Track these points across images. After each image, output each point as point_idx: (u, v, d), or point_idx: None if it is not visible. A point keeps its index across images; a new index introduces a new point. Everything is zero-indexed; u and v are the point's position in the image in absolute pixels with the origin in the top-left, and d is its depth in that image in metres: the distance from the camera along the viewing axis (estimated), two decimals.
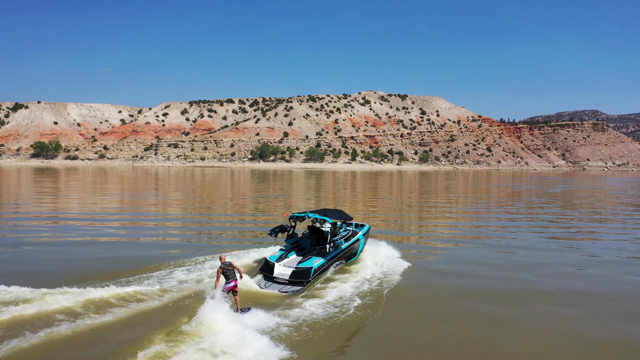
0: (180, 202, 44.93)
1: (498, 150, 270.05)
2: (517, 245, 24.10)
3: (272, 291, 14.42)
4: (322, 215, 17.23)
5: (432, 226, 31.60)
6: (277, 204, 43.79)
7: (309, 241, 18.16)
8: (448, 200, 51.33)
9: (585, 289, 16.20)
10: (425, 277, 16.92)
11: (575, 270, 18.81)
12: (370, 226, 20.69)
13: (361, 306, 13.09)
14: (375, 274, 16.35)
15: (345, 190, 64.25)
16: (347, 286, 14.77)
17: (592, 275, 18.14)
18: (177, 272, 15.79)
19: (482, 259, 20.37)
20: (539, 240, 25.58)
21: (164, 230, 27.56)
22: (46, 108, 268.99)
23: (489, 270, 18.38)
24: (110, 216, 33.23)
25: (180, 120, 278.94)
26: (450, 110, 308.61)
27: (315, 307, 12.80)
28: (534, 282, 16.67)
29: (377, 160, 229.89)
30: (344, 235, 18.19)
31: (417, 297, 14.56)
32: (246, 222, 31.45)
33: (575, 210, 43.37)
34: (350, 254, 17.90)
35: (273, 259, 16.08)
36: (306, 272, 15.05)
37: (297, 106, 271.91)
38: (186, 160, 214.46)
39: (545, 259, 20.67)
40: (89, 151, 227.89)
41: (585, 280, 17.34)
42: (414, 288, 15.43)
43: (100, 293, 13.01)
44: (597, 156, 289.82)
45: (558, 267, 19.12)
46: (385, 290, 14.77)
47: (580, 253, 22.44)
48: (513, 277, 17.46)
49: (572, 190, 72.29)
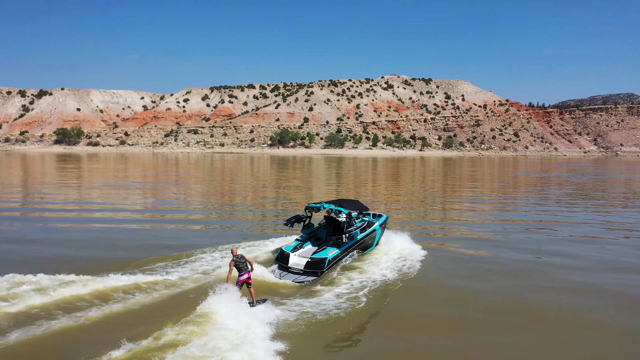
0: (201, 191, 44.23)
1: (526, 136, 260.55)
2: (537, 247, 20.87)
3: (286, 281, 14.34)
4: (338, 206, 17.05)
5: (454, 219, 29.93)
6: (297, 196, 40.91)
7: (325, 231, 17.99)
8: (472, 192, 47.12)
9: None
10: (441, 273, 16.12)
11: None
12: (387, 217, 20.37)
13: (373, 298, 12.88)
14: (391, 266, 16.02)
15: (365, 178, 60.78)
16: (361, 278, 14.64)
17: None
18: (194, 262, 15.87)
19: (498, 259, 18.56)
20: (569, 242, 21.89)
21: (186, 217, 28.15)
22: (69, 95, 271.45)
23: (500, 271, 16.77)
24: (132, 206, 33.33)
25: (201, 106, 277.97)
26: (476, 95, 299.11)
27: (328, 298, 12.70)
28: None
29: (398, 146, 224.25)
30: (360, 225, 18.08)
31: (431, 292, 14.00)
32: (267, 212, 31.35)
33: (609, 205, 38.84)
34: (366, 244, 17.84)
35: (288, 249, 16.04)
36: (321, 262, 14.98)
37: (318, 91, 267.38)
38: (205, 146, 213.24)
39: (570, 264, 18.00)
40: (110, 137, 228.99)
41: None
42: (429, 282, 14.92)
43: (114, 282, 13.19)
44: (632, 141, 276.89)
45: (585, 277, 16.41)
46: (399, 283, 14.41)
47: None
48: (524, 284, 15.38)
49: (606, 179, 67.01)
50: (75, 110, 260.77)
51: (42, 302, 11.82)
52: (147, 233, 22.59)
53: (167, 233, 22.38)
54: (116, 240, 20.30)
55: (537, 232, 24.30)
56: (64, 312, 11.30)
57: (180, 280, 13.86)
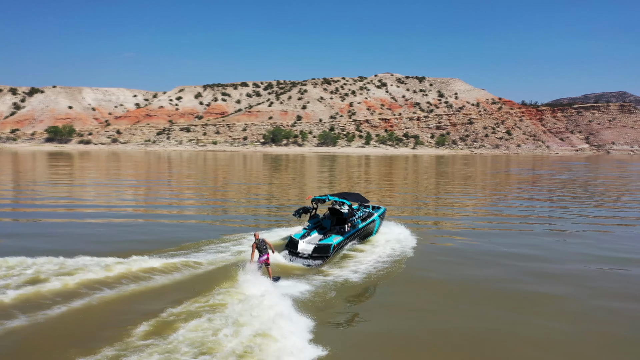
0: (209, 189, 44.93)
1: (518, 134, 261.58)
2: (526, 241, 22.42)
3: (296, 264, 16.44)
4: (341, 198, 18.91)
5: (447, 214, 31.59)
6: (291, 194, 41.51)
7: (329, 221, 19.78)
8: (464, 189, 47.32)
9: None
10: (433, 257, 18.14)
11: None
12: (385, 208, 22.42)
13: (373, 278, 14.98)
14: (388, 252, 17.94)
15: (358, 176, 60.75)
16: (362, 261, 16.64)
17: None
18: (216, 248, 17.86)
19: (488, 248, 20.25)
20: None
21: (198, 212, 30.73)
22: (61, 92, 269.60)
23: (490, 260, 18.34)
24: (145, 202, 35.02)
25: (194, 104, 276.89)
26: (469, 93, 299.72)
27: (334, 278, 14.78)
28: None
29: (391, 144, 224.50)
30: (361, 216, 19.74)
31: (424, 274, 15.95)
32: (271, 206, 33.16)
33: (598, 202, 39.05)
34: (366, 233, 19.63)
35: (297, 236, 17.86)
36: (326, 248, 16.77)
37: (311, 89, 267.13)
38: (198, 144, 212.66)
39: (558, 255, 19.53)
40: (102, 135, 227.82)
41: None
42: (422, 265, 16.88)
43: (149, 264, 14.98)
44: (623, 139, 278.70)
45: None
46: (395, 265, 16.47)
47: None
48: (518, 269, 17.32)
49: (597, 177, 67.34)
50: (67, 108, 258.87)
51: (91, 278, 13.67)
52: (161, 228, 24.11)
53: (185, 227, 24.65)
54: (136, 235, 21.77)
55: (521, 226, 25.73)
56: (111, 286, 13.22)
57: (209, 262, 15.93)
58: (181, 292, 12.83)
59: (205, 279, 14.03)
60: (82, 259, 15.04)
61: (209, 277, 14.28)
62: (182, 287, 13.44)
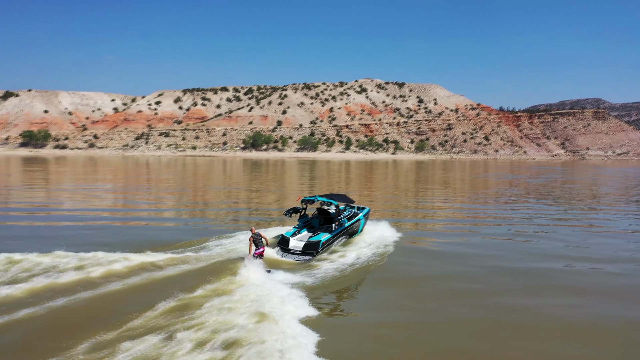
0: (188, 194, 43.51)
1: (496, 139, 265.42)
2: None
3: (288, 259, 17.60)
4: (329, 199, 20.28)
5: (428, 216, 32.61)
6: (270, 199, 40.60)
7: (317, 221, 20.80)
8: (445, 195, 47.54)
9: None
10: (414, 253, 19.84)
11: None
12: (370, 208, 23.77)
13: (358, 271, 16.43)
14: (372, 247, 19.33)
15: (339, 181, 60.64)
16: (348, 256, 17.96)
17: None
18: (213, 244, 19.00)
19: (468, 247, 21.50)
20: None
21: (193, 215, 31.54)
22: (37, 96, 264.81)
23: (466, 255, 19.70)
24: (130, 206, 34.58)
25: (173, 109, 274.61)
26: (449, 99, 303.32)
27: (321, 271, 16.10)
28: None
29: (371, 149, 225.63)
30: (347, 215, 21.35)
31: (405, 267, 17.37)
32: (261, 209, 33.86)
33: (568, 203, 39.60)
34: (352, 231, 20.89)
35: (288, 234, 18.99)
36: (315, 244, 17.99)
37: (291, 94, 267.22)
38: (177, 149, 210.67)
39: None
40: (79, 140, 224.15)
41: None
42: (401, 259, 18.24)
43: (151, 258, 15.97)
44: (597, 145, 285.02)
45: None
46: (378, 259, 17.94)
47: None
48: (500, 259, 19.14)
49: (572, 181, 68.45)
50: (43, 112, 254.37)
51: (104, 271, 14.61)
52: (145, 231, 24.69)
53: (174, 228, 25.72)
54: (135, 236, 22.26)
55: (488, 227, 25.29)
56: (118, 279, 14.14)
57: (209, 256, 17.07)
58: (190, 281, 13.91)
59: (204, 273, 14.76)
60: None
61: (208, 270, 15.04)
62: (186, 278, 14.35)
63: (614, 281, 16.47)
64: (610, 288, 15.65)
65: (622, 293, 15.16)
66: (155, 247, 17.98)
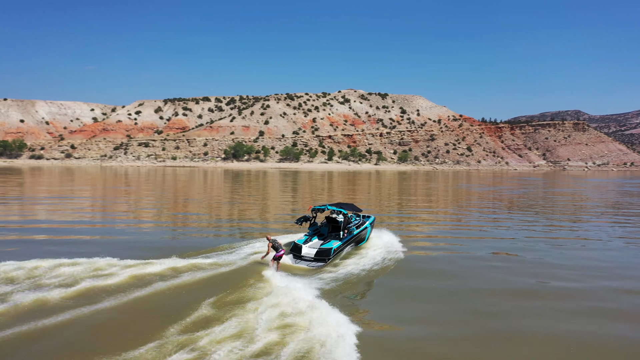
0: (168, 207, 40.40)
1: (478, 150, 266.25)
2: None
3: (301, 266, 18.05)
4: (338, 208, 20.81)
5: (417, 226, 32.24)
6: (253, 212, 38.20)
7: (326, 229, 21.46)
8: (429, 207, 45.67)
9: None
10: (418, 259, 20.17)
11: None
12: (375, 217, 24.31)
13: (368, 276, 16.90)
14: (379, 255, 19.77)
15: (321, 193, 58.36)
16: (357, 263, 18.39)
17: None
18: (237, 250, 19.59)
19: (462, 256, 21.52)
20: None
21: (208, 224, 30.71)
22: (12, 105, 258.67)
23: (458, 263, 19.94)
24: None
25: (154, 119, 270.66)
26: (431, 110, 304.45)
27: (335, 276, 16.54)
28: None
29: (354, 159, 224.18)
30: (355, 223, 21.76)
31: (412, 272, 17.76)
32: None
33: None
34: (360, 238, 21.44)
35: (300, 242, 19.44)
36: (327, 251, 18.47)
37: (274, 104, 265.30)
38: (157, 159, 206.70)
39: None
40: (55, 150, 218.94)
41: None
42: (410, 265, 18.79)
43: (175, 263, 16.57)
44: (578, 156, 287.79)
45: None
46: (386, 265, 18.39)
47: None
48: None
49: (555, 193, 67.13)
50: (19, 121, 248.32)
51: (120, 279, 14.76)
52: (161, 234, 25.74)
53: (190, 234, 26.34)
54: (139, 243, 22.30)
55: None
56: (143, 284, 14.41)
57: (235, 261, 17.77)
58: (215, 287, 14.38)
59: (229, 277, 15.65)
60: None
61: (233, 275, 15.94)
62: (211, 283, 14.97)
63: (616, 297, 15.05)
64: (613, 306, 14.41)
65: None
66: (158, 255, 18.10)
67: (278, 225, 28.47)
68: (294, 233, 23.38)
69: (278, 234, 23.33)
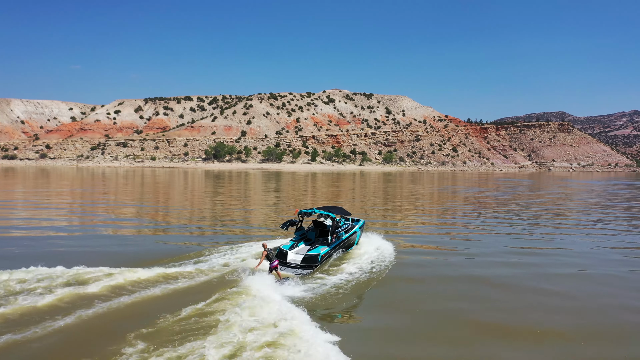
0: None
1: (464, 151, 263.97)
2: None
3: (286, 273, 16.75)
4: (326, 211, 19.86)
5: (412, 228, 31.13)
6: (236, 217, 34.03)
7: (313, 233, 20.47)
8: (414, 207, 41.78)
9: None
10: (410, 263, 19.39)
11: None
12: (365, 221, 23.59)
13: (357, 284, 15.99)
14: (369, 260, 19.03)
15: (304, 197, 54.05)
16: (346, 269, 17.57)
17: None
18: (218, 257, 18.75)
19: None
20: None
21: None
22: None
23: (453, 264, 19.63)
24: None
25: (134, 118, 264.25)
26: (417, 110, 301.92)
27: (322, 284, 15.69)
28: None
29: (338, 160, 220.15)
30: (344, 228, 20.80)
31: (402, 277, 17.23)
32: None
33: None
34: (349, 243, 20.53)
35: (286, 247, 18.37)
36: (314, 258, 17.52)
37: (257, 104, 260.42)
38: (135, 160, 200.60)
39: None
40: (30, 150, 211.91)
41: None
42: (401, 270, 18.05)
43: (157, 272, 15.76)
44: (563, 157, 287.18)
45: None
46: (375, 271, 17.59)
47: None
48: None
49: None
50: None
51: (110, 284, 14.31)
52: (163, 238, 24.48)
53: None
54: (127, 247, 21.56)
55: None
56: (128, 291, 13.84)
57: (211, 269, 16.72)
58: (195, 295, 13.56)
59: (209, 286, 14.77)
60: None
61: (215, 283, 15.11)
62: (190, 292, 14.13)
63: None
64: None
65: None
66: (143, 263, 17.32)
67: (263, 232, 26.46)
68: (283, 238, 22.52)
69: (267, 239, 22.29)
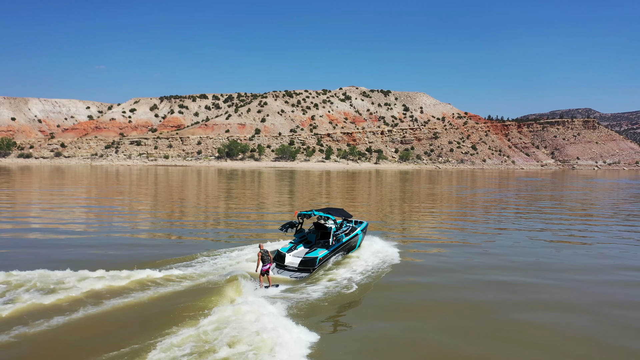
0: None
1: (484, 149, 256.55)
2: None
3: (284, 276, 16.74)
4: (326, 213, 19.60)
5: (418, 229, 30.60)
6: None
7: (314, 235, 20.32)
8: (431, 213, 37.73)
9: None
10: (412, 268, 18.90)
11: None
12: (368, 223, 22.94)
13: (357, 290, 15.49)
14: (371, 264, 18.59)
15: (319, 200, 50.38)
16: (347, 273, 17.19)
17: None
18: (218, 259, 18.71)
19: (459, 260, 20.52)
20: None
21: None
22: (4, 103, 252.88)
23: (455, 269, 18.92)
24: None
25: (149, 117, 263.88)
26: (435, 107, 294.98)
27: (319, 289, 15.30)
28: None
29: (353, 158, 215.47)
30: (345, 230, 20.11)
31: (404, 284, 16.68)
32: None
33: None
34: (350, 246, 20.14)
35: (284, 250, 18.33)
36: (312, 261, 17.34)
37: (271, 102, 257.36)
38: (148, 158, 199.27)
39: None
40: (45, 149, 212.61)
41: None
42: (403, 275, 17.66)
43: (154, 275, 15.67)
44: (588, 155, 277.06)
45: None
46: (377, 276, 17.22)
47: None
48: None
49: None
50: (10, 119, 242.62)
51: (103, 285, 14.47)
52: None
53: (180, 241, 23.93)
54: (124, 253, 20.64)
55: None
56: (123, 295, 13.85)
57: (206, 272, 16.67)
58: (189, 297, 13.54)
59: (202, 291, 14.36)
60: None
61: (209, 286, 14.84)
62: (186, 294, 14.04)
63: None
64: None
65: None
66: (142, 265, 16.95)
67: (273, 235, 25.09)
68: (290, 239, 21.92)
69: (273, 242, 21.98)
